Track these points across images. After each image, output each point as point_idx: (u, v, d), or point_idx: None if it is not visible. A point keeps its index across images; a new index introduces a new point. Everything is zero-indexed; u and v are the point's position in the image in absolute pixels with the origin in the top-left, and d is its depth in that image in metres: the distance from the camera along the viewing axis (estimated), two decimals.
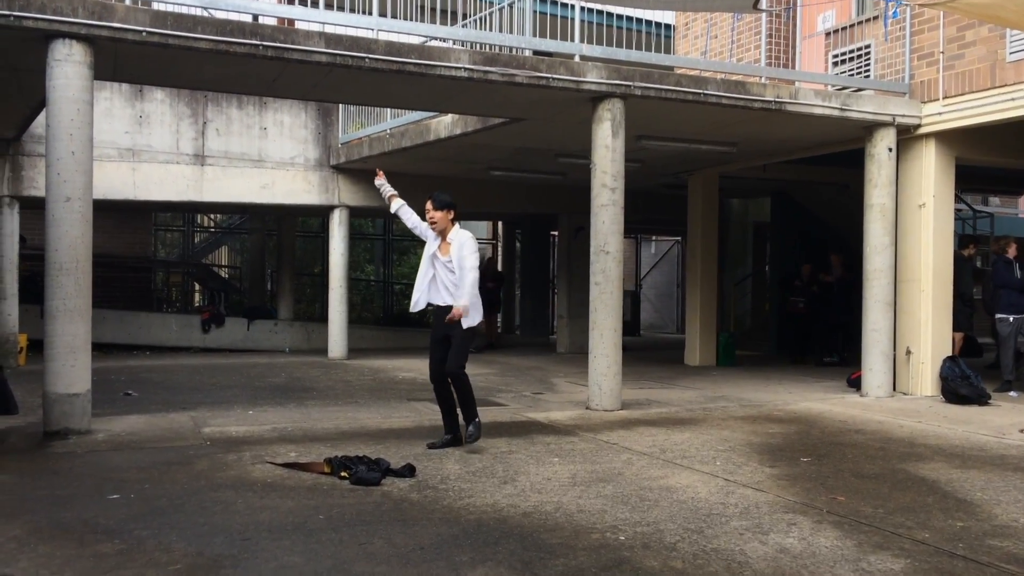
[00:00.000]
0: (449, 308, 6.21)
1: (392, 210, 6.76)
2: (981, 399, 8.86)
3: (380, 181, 6.87)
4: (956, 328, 10.32)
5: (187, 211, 19.71)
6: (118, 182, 12.71)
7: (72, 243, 6.63)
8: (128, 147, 12.87)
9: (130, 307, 15.89)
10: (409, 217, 6.62)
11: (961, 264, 10.62)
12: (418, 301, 6.41)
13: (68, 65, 6.63)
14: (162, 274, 19.99)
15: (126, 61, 7.51)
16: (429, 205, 6.36)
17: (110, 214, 15.37)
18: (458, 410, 6.36)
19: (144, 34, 6.77)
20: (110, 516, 4.45)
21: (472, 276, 6.19)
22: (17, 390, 8.04)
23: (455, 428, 6.42)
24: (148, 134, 12.97)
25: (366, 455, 5.72)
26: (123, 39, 6.78)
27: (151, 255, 18.97)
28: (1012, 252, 9.87)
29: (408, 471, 5.43)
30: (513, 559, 3.84)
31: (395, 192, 6.81)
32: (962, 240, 11.81)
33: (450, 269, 6.26)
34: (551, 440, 6.72)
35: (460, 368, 6.21)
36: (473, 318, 6.24)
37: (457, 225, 6.41)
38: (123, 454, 6.04)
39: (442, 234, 6.34)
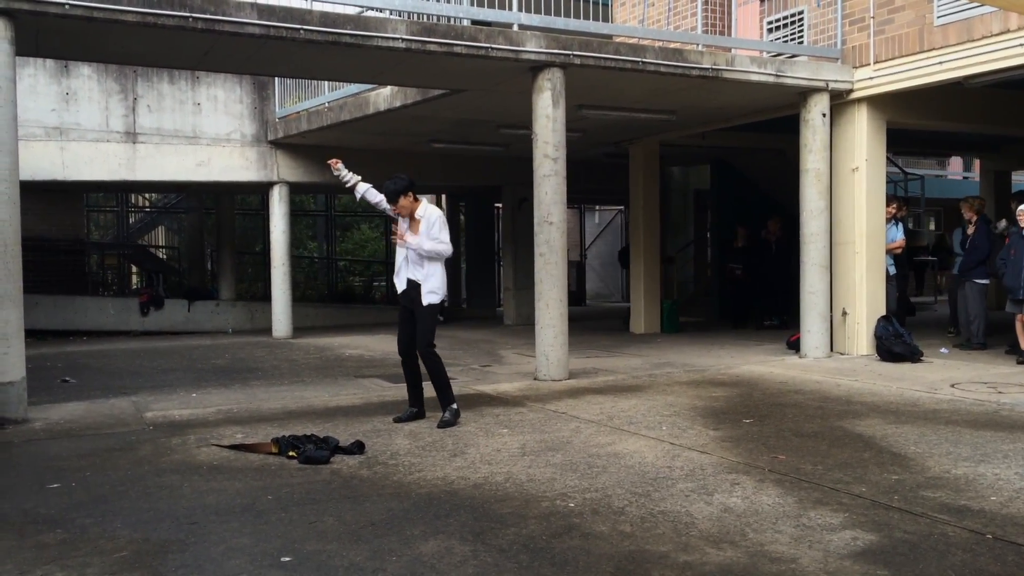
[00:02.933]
0: (418, 285, 6.22)
1: (358, 196, 6.61)
2: (914, 356, 9.16)
3: (338, 170, 6.60)
4: None
5: (120, 191, 19.19)
6: (46, 162, 12.29)
7: None
8: (55, 125, 12.44)
9: (65, 292, 15.44)
10: (378, 199, 6.46)
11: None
12: (400, 282, 6.36)
13: None
14: (96, 257, 19.45)
15: (49, 36, 7.23)
16: (388, 203, 6.28)
17: (39, 195, 14.88)
18: (424, 383, 6.40)
19: (67, 7, 6.51)
20: (51, 505, 4.36)
21: (441, 248, 6.16)
22: None
23: (420, 402, 6.45)
24: (76, 111, 12.55)
25: (314, 434, 5.68)
26: (45, 12, 6.52)
27: (84, 237, 18.43)
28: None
29: (357, 448, 5.41)
30: (465, 530, 3.87)
31: (357, 177, 6.60)
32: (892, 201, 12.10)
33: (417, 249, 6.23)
34: (500, 412, 6.76)
35: (429, 345, 6.23)
36: (437, 295, 6.25)
37: (424, 200, 6.37)
38: (62, 442, 5.90)
39: (411, 216, 6.29)
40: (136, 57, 9.04)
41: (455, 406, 6.32)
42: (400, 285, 6.36)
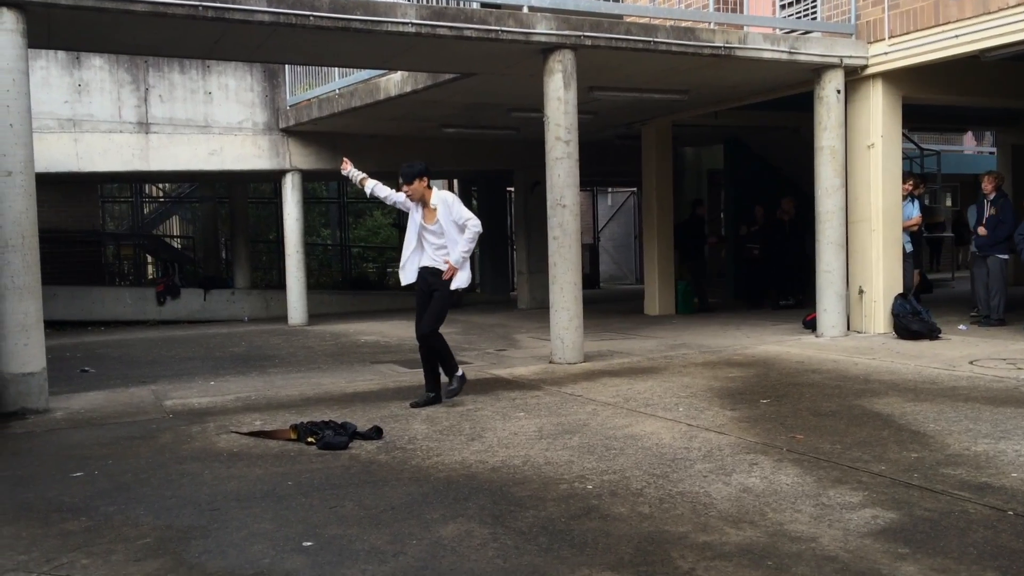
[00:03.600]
0: (436, 270, 6.27)
1: (367, 193, 6.67)
2: (932, 334, 9.10)
3: (347, 170, 6.73)
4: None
5: (134, 181, 19.26)
6: (60, 154, 12.35)
7: (16, 219, 6.45)
8: (68, 117, 12.49)
9: (82, 282, 15.55)
10: (386, 193, 6.55)
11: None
12: (407, 275, 6.41)
13: (0, 34, 6.38)
14: (112, 247, 19.57)
15: (61, 27, 7.25)
16: (400, 183, 6.33)
17: (55, 187, 14.97)
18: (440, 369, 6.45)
19: None
20: (74, 494, 4.41)
21: (474, 231, 6.22)
22: None
23: (436, 387, 6.49)
24: (88, 103, 12.59)
25: (332, 420, 5.71)
26: (56, 4, 6.54)
27: (100, 228, 18.55)
28: None
29: (375, 433, 5.44)
30: (484, 514, 3.89)
31: (364, 175, 6.69)
32: (911, 177, 11.99)
33: (437, 234, 6.27)
34: (516, 395, 6.77)
35: (433, 329, 6.30)
36: (462, 278, 6.31)
37: (435, 188, 6.42)
38: (84, 431, 5.96)
39: (422, 202, 6.32)
40: (147, 47, 9.05)
41: (461, 373, 6.43)
42: (407, 278, 6.39)
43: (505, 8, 8.23)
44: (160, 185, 21.62)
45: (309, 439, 5.34)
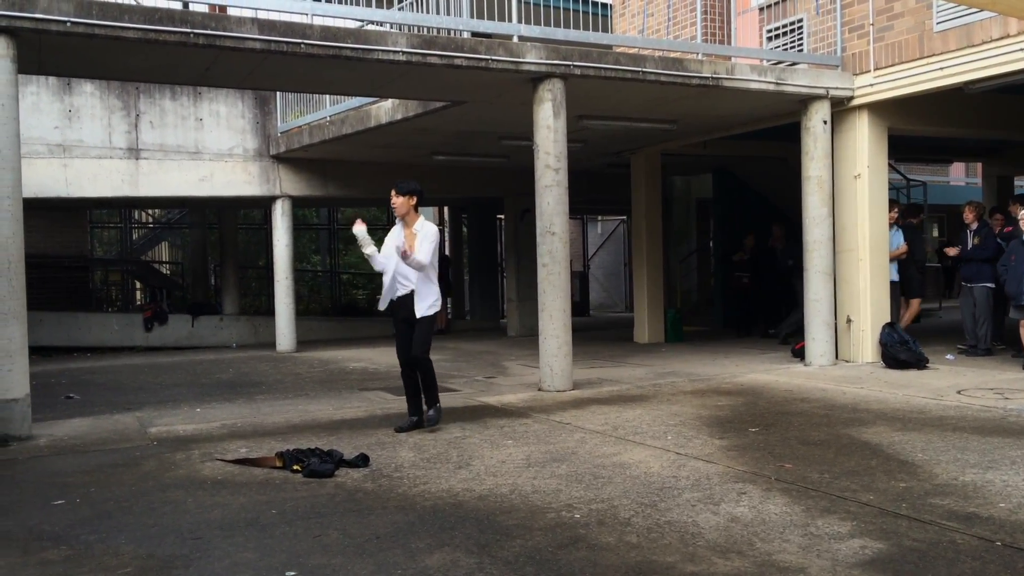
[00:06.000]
0: (410, 297, 6.33)
1: (365, 253, 6.44)
2: (920, 363, 9.12)
3: (360, 229, 6.36)
4: (913, 294, 10.64)
5: (123, 207, 19.23)
6: (49, 179, 12.32)
7: (3, 243, 6.41)
8: (58, 143, 12.48)
9: (69, 308, 15.46)
10: (379, 261, 6.44)
11: (915, 232, 10.95)
12: (384, 303, 6.51)
13: None
14: (101, 273, 19.48)
15: (51, 53, 7.26)
16: (392, 192, 6.42)
17: (43, 213, 14.93)
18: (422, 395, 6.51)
19: (68, 24, 6.55)
20: (55, 522, 4.34)
21: (417, 260, 6.23)
22: None
23: (419, 411, 6.54)
24: (79, 128, 12.59)
25: (318, 447, 5.67)
26: (47, 30, 6.56)
27: (88, 254, 18.46)
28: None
29: (362, 461, 5.40)
30: (470, 543, 3.85)
31: (373, 246, 6.41)
32: (911, 209, 12.11)
33: (417, 264, 6.30)
34: (504, 423, 6.74)
35: (424, 354, 6.40)
36: (433, 306, 6.41)
37: (422, 217, 6.51)
38: (67, 458, 5.89)
39: (404, 221, 6.39)
40: (138, 73, 9.08)
41: (439, 404, 6.55)
42: (384, 304, 6.47)
43: (495, 37, 8.30)
44: (149, 211, 21.58)
45: (295, 467, 5.29)
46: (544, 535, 3.93)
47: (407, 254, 6.18)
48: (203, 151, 13.34)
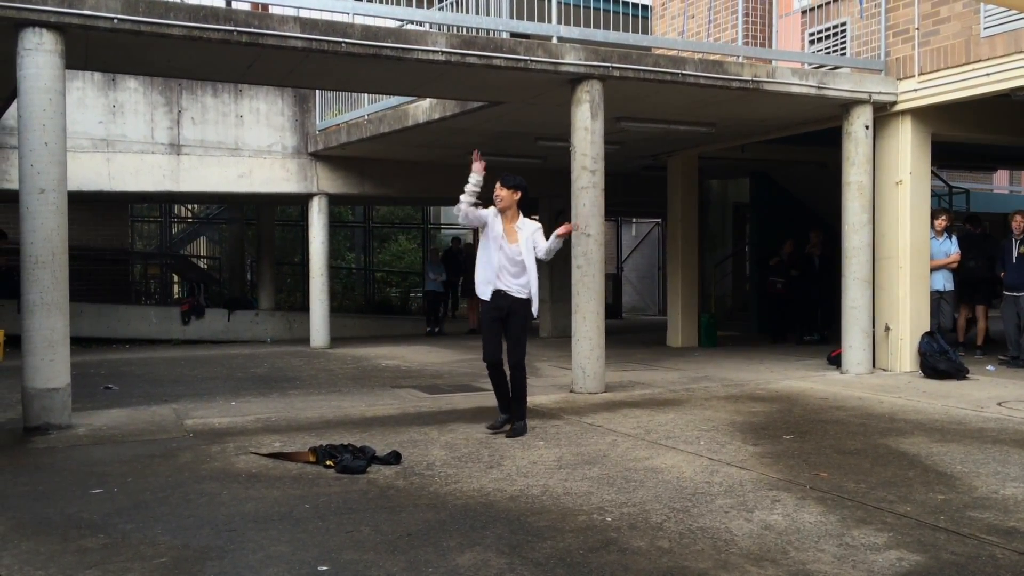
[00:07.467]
0: (510, 295, 6.28)
1: (463, 198, 6.34)
2: (959, 373, 8.96)
3: (478, 167, 6.36)
4: (979, 302, 10.80)
5: (164, 202, 19.51)
6: (92, 173, 12.55)
7: (47, 235, 6.54)
8: (102, 137, 12.70)
9: (108, 300, 15.73)
10: (468, 204, 6.32)
11: (981, 240, 11.00)
12: (484, 290, 6.35)
13: (39, 54, 6.52)
14: (140, 266, 19.79)
15: (98, 49, 7.39)
16: (497, 184, 6.33)
17: (86, 206, 15.21)
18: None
19: (115, 21, 6.66)
20: (93, 510, 4.42)
21: (552, 246, 6.35)
22: None
23: (509, 408, 6.43)
24: (122, 124, 12.80)
25: (351, 443, 5.71)
26: (94, 27, 6.67)
27: (128, 247, 18.78)
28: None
29: (394, 458, 5.42)
30: (501, 543, 3.85)
31: (476, 189, 6.36)
32: (971, 219, 12.05)
33: (514, 260, 6.28)
34: (536, 424, 6.73)
35: (521, 359, 6.34)
36: (535, 304, 6.42)
37: (522, 214, 6.44)
38: (105, 448, 5.99)
39: (503, 213, 6.32)
40: (181, 70, 9.21)
41: (525, 422, 6.41)
42: (485, 295, 6.33)
43: (534, 38, 8.30)
44: (189, 206, 21.89)
45: (328, 462, 5.33)
46: (575, 537, 3.92)
47: (577, 227, 6.16)
48: (243, 148, 13.50)
